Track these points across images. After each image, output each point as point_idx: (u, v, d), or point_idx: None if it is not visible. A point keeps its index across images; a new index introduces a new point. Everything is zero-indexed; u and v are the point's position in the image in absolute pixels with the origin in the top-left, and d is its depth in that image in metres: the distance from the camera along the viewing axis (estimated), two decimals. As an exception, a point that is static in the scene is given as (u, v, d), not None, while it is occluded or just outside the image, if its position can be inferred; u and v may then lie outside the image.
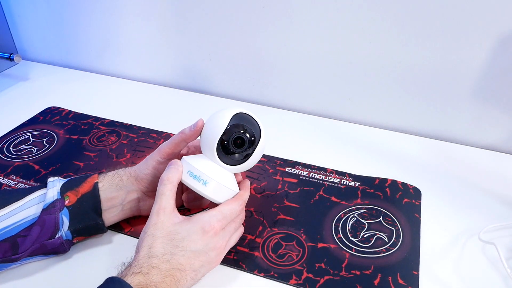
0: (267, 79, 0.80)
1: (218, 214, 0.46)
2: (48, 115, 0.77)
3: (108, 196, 0.50)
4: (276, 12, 0.72)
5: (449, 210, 0.58)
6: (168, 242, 0.43)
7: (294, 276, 0.48)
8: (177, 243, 0.43)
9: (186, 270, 0.43)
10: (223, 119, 0.47)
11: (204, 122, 0.49)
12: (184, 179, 0.47)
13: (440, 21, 0.64)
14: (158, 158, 0.50)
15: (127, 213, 0.52)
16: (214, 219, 0.45)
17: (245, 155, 0.48)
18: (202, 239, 0.44)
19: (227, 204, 0.47)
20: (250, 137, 0.47)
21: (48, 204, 0.47)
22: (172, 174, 0.46)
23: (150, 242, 0.42)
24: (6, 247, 0.45)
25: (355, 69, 0.73)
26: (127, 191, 0.51)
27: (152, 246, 0.42)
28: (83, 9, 0.86)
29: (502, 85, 0.66)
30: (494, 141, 0.71)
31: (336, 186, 0.61)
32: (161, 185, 0.46)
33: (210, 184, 0.47)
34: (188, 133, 0.49)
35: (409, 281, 0.48)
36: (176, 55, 0.85)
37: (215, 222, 0.45)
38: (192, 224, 0.44)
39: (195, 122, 0.49)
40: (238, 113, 0.48)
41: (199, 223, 0.44)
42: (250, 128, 0.48)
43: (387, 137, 0.73)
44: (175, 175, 0.46)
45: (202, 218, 0.45)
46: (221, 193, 0.48)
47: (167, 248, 0.42)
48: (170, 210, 0.45)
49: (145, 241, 0.43)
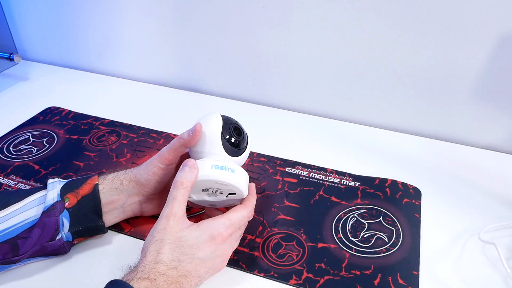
0: (267, 79, 0.80)
1: (227, 222, 0.45)
2: (48, 115, 0.77)
3: (109, 200, 0.50)
4: (276, 12, 0.72)
5: (449, 210, 0.58)
6: (176, 248, 0.42)
7: (294, 276, 0.48)
8: (185, 250, 0.42)
9: (192, 276, 0.42)
10: (214, 118, 0.49)
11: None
12: (210, 175, 0.46)
13: (440, 21, 0.64)
14: (159, 164, 0.50)
15: (129, 214, 0.52)
16: (223, 226, 0.44)
17: (241, 144, 0.50)
18: (210, 246, 0.44)
19: (236, 211, 0.46)
20: (241, 127, 0.51)
21: (49, 207, 0.47)
22: (186, 177, 0.45)
23: (158, 248, 0.42)
24: (6, 248, 0.45)
25: (355, 69, 0.73)
26: (128, 194, 0.51)
27: (160, 251, 0.42)
28: (83, 9, 0.86)
29: (502, 85, 0.66)
30: (494, 141, 0.71)
31: (336, 186, 0.61)
32: (174, 188, 0.45)
33: (237, 171, 0.47)
34: (187, 138, 0.48)
35: (409, 281, 0.48)
36: (176, 55, 0.85)
37: (224, 230, 0.44)
38: (201, 232, 0.44)
39: (193, 127, 0.48)
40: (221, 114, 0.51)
41: (208, 230, 0.44)
42: (237, 122, 0.51)
43: (387, 137, 0.73)
44: (189, 178, 0.45)
45: (212, 225, 0.44)
46: (246, 181, 0.49)
47: (175, 254, 0.42)
48: (180, 215, 0.44)
49: (152, 246, 0.42)
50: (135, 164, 0.65)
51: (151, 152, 0.68)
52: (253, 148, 0.68)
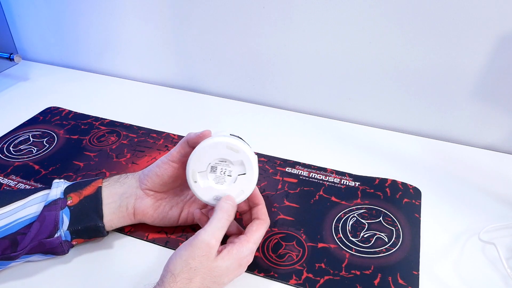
0: (267, 79, 0.80)
1: (254, 246, 0.45)
2: (48, 115, 0.77)
3: (109, 193, 0.50)
4: (276, 12, 0.72)
5: (449, 210, 0.58)
6: (207, 278, 0.42)
7: (294, 276, 0.48)
8: (215, 279, 0.42)
9: None
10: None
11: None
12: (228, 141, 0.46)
13: (440, 21, 0.64)
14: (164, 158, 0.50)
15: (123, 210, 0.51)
16: (250, 253, 0.45)
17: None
18: (236, 272, 0.44)
19: (258, 231, 0.46)
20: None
21: (50, 202, 0.47)
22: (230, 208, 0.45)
23: (191, 276, 0.41)
24: (5, 244, 0.45)
25: (355, 69, 0.73)
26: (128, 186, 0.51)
27: (192, 280, 0.41)
28: (83, 9, 0.86)
29: (502, 85, 0.66)
30: (494, 141, 0.71)
31: (336, 186, 0.61)
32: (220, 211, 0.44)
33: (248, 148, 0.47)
34: (194, 137, 0.48)
35: (409, 281, 0.48)
36: (176, 55, 0.85)
37: (251, 256, 0.45)
38: (232, 260, 0.43)
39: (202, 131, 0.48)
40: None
41: (239, 258, 0.44)
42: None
43: (387, 137, 0.73)
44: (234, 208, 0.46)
45: (241, 252, 0.44)
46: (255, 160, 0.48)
47: (205, 283, 0.42)
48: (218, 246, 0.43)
49: (185, 273, 0.41)
50: (135, 164, 0.65)
51: (151, 152, 0.68)
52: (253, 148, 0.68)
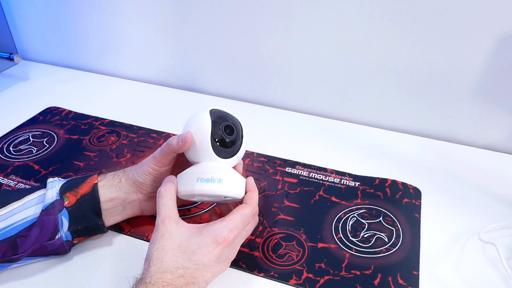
0: (267, 79, 0.80)
1: (230, 224, 0.43)
2: (48, 115, 0.77)
3: (108, 197, 0.49)
4: (276, 12, 0.72)
5: (449, 210, 0.58)
6: (179, 255, 0.41)
7: (294, 276, 0.48)
8: (188, 256, 0.42)
9: (199, 282, 0.42)
10: (203, 117, 0.47)
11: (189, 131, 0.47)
12: (195, 189, 0.45)
13: (440, 21, 0.64)
14: (153, 165, 0.50)
15: (129, 213, 0.52)
16: (226, 229, 0.43)
17: (235, 143, 0.47)
18: (214, 252, 0.42)
19: (238, 212, 0.45)
20: (234, 124, 0.48)
21: (47, 205, 0.47)
22: (168, 186, 0.46)
23: (161, 255, 0.41)
24: (5, 247, 0.45)
25: (355, 69, 0.73)
26: (127, 192, 0.50)
27: (163, 259, 0.41)
28: (83, 9, 0.86)
29: (502, 85, 0.66)
30: (494, 141, 0.71)
31: (336, 186, 0.61)
32: (160, 197, 0.45)
33: (226, 178, 0.45)
34: (176, 146, 0.47)
35: (409, 281, 0.48)
36: (176, 55, 0.85)
37: (228, 233, 0.43)
38: (203, 237, 0.42)
39: (183, 136, 0.47)
40: (211, 109, 0.48)
41: (211, 235, 0.43)
42: (230, 117, 0.48)
43: (387, 137, 0.73)
44: (171, 187, 0.46)
45: (214, 229, 0.43)
46: (238, 184, 0.46)
47: (179, 261, 0.41)
48: (175, 219, 0.43)
49: (155, 254, 0.41)
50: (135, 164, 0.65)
51: (151, 152, 0.67)
52: (253, 148, 0.68)
